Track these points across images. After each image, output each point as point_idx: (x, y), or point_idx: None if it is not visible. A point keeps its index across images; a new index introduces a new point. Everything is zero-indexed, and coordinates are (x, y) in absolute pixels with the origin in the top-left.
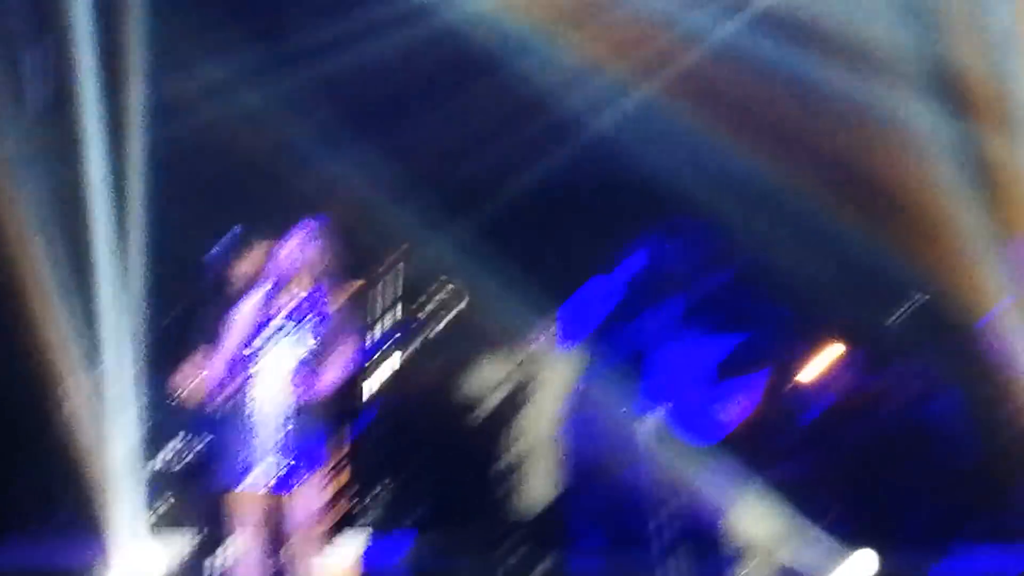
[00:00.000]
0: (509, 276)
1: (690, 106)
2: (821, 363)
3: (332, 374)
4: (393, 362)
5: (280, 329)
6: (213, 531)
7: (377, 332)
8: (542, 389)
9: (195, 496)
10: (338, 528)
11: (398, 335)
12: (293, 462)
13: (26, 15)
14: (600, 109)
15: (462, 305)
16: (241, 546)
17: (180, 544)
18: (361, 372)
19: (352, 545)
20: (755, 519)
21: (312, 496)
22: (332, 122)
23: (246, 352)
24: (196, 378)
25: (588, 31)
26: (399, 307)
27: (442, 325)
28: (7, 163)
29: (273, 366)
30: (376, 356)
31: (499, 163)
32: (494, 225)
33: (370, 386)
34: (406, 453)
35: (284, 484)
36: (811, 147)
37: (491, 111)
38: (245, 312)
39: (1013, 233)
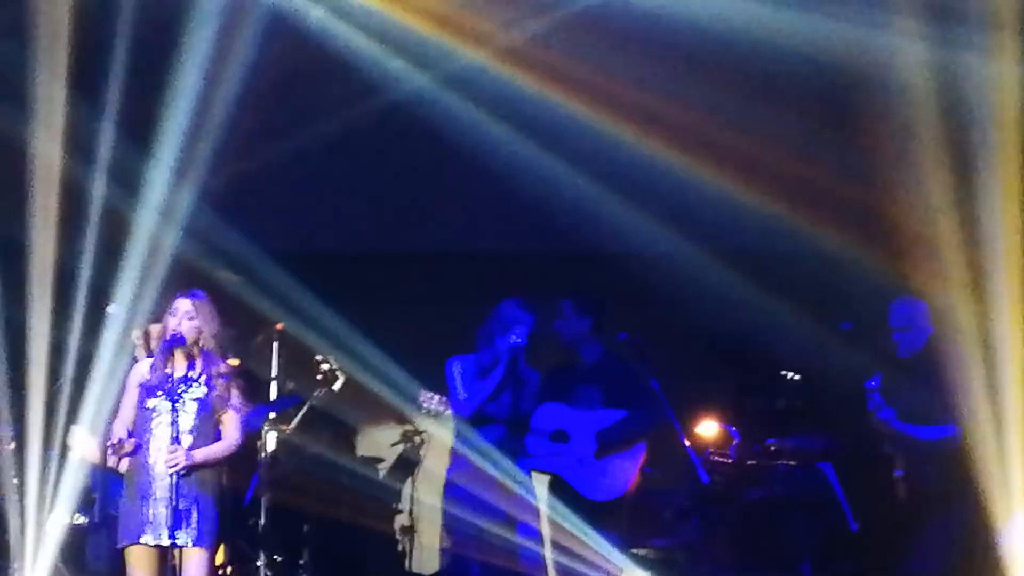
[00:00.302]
0: (391, 347)
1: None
2: (704, 432)
3: (221, 447)
4: (279, 432)
5: (169, 395)
6: None
7: (264, 401)
8: (428, 456)
9: (92, 552)
10: None
11: (282, 406)
12: (186, 521)
13: None
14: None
15: (340, 381)
16: None
17: None
18: (250, 440)
19: None
20: None
21: (203, 557)
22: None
23: (140, 415)
24: (91, 438)
25: None
26: (280, 380)
27: (322, 399)
28: None
29: (164, 430)
30: (262, 426)
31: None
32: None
33: (259, 454)
34: (293, 522)
35: (176, 541)
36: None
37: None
38: (136, 377)
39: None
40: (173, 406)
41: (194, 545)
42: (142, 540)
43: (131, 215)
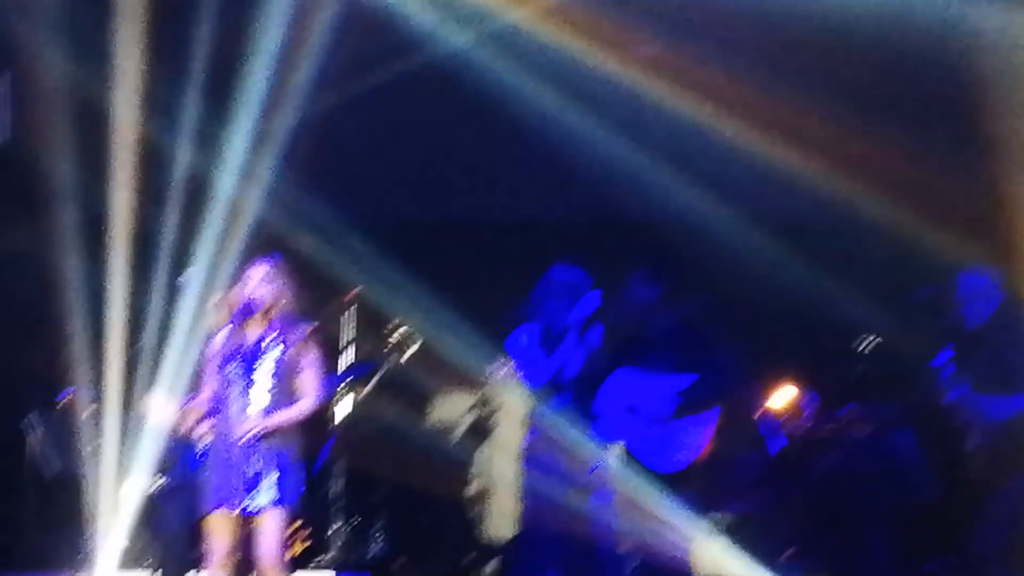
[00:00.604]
0: (465, 315)
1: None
2: (781, 399)
3: (299, 409)
4: (353, 398)
5: (245, 362)
6: (184, 556)
7: (337, 369)
8: (502, 423)
9: (168, 517)
10: (302, 558)
11: (357, 373)
12: (262, 486)
13: None
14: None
15: (416, 345)
16: (210, 571)
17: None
18: (325, 406)
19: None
20: (714, 554)
21: (278, 524)
22: (289, 164)
23: (216, 383)
24: (168, 407)
25: None
26: (355, 347)
27: (398, 364)
28: None
29: (241, 397)
30: (337, 393)
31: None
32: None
33: (332, 420)
34: (367, 488)
35: (252, 507)
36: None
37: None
38: (215, 346)
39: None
40: (249, 372)
41: (269, 509)
42: (219, 508)
43: (209, 180)
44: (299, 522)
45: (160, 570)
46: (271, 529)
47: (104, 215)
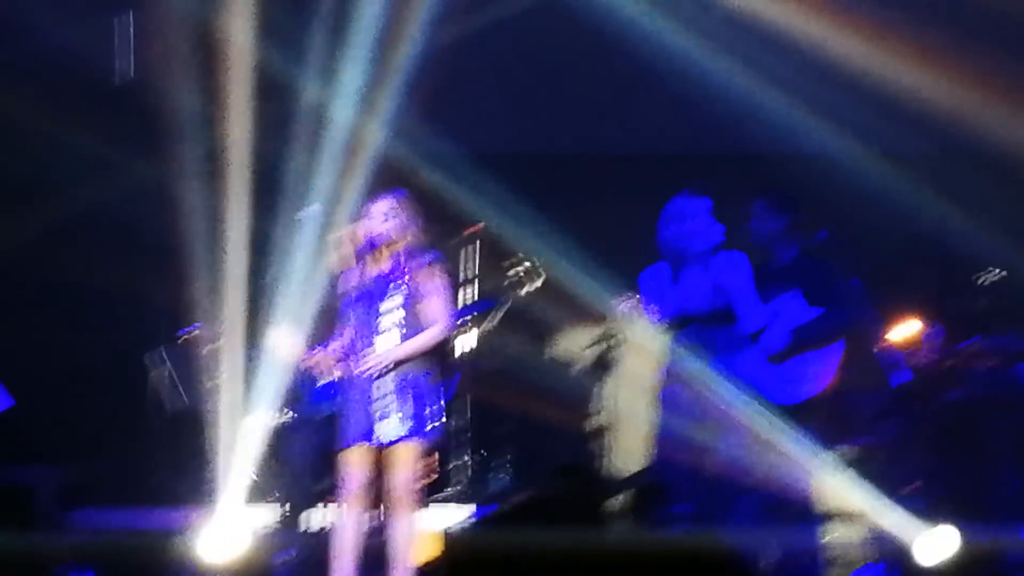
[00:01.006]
0: (588, 248)
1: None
2: (903, 332)
3: (428, 336)
4: (476, 334)
5: (373, 297)
6: (311, 489)
7: (461, 302)
8: (626, 357)
9: (294, 450)
10: (433, 489)
11: (479, 308)
12: (392, 417)
13: None
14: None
15: (539, 280)
16: (343, 503)
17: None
18: (453, 338)
19: (445, 510)
20: (840, 487)
21: (412, 456)
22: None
23: (347, 319)
24: (293, 341)
25: None
26: (477, 281)
27: (521, 298)
28: None
29: (371, 332)
30: (460, 327)
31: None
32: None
33: (459, 353)
34: (496, 418)
35: (384, 439)
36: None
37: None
38: (342, 285)
39: None
40: (376, 307)
41: (404, 441)
42: (355, 442)
43: (331, 114)
44: (435, 454)
45: (287, 503)
46: (405, 461)
47: (227, 149)
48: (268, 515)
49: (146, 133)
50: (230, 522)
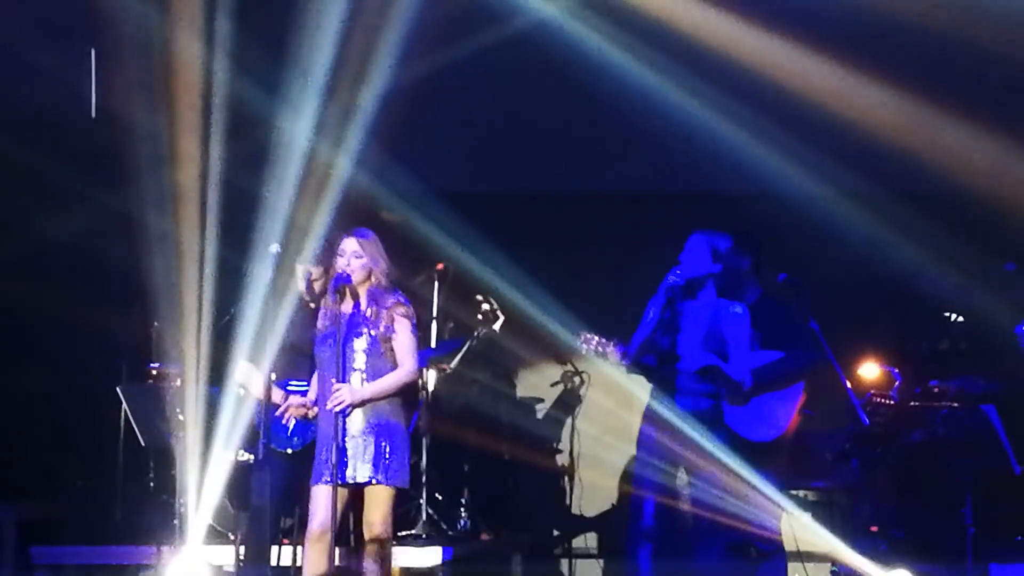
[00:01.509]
0: (550, 287)
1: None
2: (864, 374)
3: (395, 378)
4: (438, 372)
5: (341, 336)
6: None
7: (428, 342)
8: (589, 395)
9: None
10: (401, 527)
11: (445, 349)
12: (360, 458)
13: None
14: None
15: (500, 321)
16: (310, 541)
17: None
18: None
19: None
20: (803, 528)
21: (383, 496)
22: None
23: (316, 360)
24: (258, 378)
25: None
26: (442, 320)
27: (486, 337)
28: None
29: (335, 371)
30: (424, 366)
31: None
32: (532, 235)
33: (419, 391)
34: (454, 459)
35: (351, 479)
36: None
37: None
38: (309, 317)
39: None
40: (343, 347)
41: (371, 482)
42: (323, 480)
43: (297, 150)
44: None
45: (251, 541)
46: (376, 501)
47: (192, 184)
48: (231, 553)
49: (111, 167)
50: (193, 560)
